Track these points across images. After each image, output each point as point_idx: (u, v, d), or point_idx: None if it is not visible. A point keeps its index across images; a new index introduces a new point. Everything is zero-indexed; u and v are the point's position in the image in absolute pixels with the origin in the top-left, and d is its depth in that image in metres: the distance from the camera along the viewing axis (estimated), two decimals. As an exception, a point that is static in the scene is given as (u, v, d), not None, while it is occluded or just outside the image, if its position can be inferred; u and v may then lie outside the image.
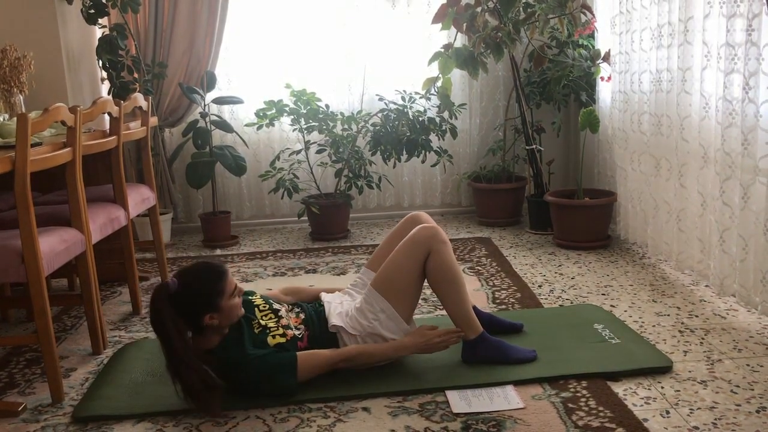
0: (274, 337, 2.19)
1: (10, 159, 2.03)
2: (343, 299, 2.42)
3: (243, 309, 2.21)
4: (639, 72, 3.44)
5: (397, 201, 4.80)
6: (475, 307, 2.42)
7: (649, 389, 2.12)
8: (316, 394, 2.13)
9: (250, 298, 2.33)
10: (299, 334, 2.25)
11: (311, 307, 2.38)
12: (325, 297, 2.43)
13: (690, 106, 2.98)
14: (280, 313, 2.29)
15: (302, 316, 2.33)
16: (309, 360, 2.15)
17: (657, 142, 3.30)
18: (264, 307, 2.29)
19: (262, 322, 2.23)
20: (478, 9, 3.86)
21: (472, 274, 3.41)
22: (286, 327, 2.24)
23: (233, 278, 2.19)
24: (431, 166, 4.52)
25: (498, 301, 2.98)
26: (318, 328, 2.29)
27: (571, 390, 2.11)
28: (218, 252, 4.08)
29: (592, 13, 3.97)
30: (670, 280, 3.19)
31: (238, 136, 4.40)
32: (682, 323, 2.65)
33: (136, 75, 4.12)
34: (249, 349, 2.11)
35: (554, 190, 4.13)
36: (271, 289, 2.56)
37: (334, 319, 2.29)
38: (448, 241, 2.31)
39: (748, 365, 2.25)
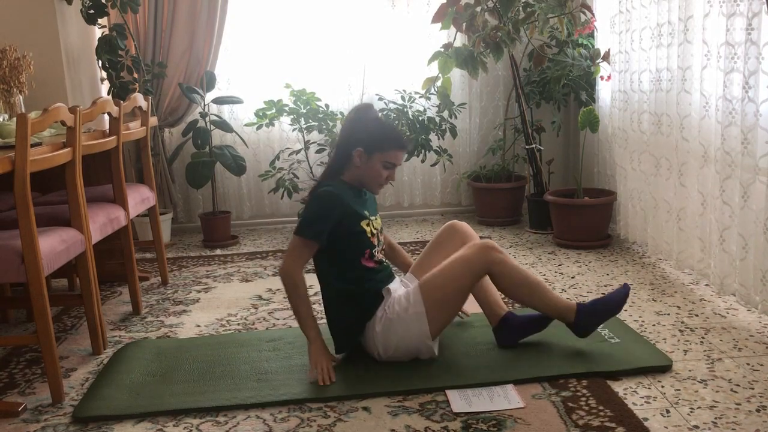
0: (368, 225, 2.33)
1: (9, 159, 2.03)
2: (399, 286, 2.44)
3: (379, 191, 2.42)
4: (639, 71, 3.44)
5: (397, 200, 4.80)
6: (511, 313, 2.44)
7: (649, 388, 2.12)
8: (316, 394, 2.13)
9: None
10: (378, 258, 2.37)
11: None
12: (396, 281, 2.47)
13: (690, 105, 2.98)
14: (378, 238, 2.40)
15: (383, 259, 2.43)
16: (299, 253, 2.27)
17: (657, 141, 3.30)
18: (376, 228, 2.38)
19: (371, 220, 2.35)
20: (478, 8, 3.86)
21: (472, 273, 3.41)
22: (377, 239, 2.38)
23: (400, 162, 2.36)
24: (431, 165, 4.52)
25: (498, 300, 2.98)
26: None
27: (571, 389, 2.11)
28: (218, 252, 4.08)
29: (591, 12, 3.97)
30: (670, 279, 3.19)
31: (238, 135, 4.40)
32: (682, 322, 2.65)
33: (135, 75, 4.12)
34: (342, 194, 2.28)
35: (554, 189, 4.13)
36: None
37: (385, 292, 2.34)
38: (503, 252, 2.32)
39: (748, 364, 2.25)
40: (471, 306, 2.63)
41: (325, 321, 2.43)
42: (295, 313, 2.31)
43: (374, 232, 2.36)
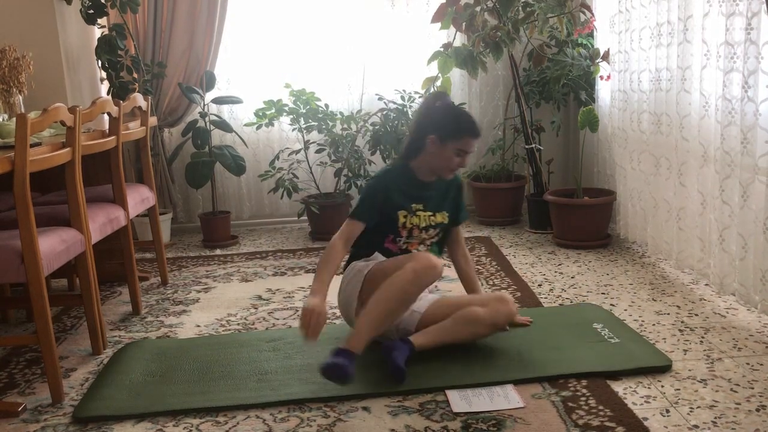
0: (405, 216, 2.39)
1: (9, 159, 2.03)
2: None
3: (450, 176, 2.41)
4: (638, 71, 3.44)
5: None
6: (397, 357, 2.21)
7: (648, 388, 2.12)
8: (316, 394, 2.13)
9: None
10: (405, 248, 2.41)
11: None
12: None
13: (689, 104, 2.98)
14: (419, 234, 2.43)
15: (411, 250, 2.42)
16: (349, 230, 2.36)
17: (656, 140, 3.31)
18: (413, 223, 2.41)
19: (412, 213, 2.40)
20: (477, 8, 3.86)
21: (471, 273, 3.42)
22: (408, 232, 2.41)
23: (472, 150, 2.37)
24: (431, 165, 4.52)
25: (498, 300, 2.98)
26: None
27: (571, 389, 2.11)
28: (218, 252, 4.08)
29: (591, 12, 3.97)
30: (669, 278, 3.19)
31: (238, 135, 4.40)
32: (682, 322, 2.65)
33: (135, 75, 4.12)
34: (389, 183, 2.36)
35: (554, 189, 4.13)
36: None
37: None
38: (422, 275, 2.18)
39: (747, 364, 2.25)
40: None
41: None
42: (317, 266, 2.30)
43: (410, 225, 2.40)
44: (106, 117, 2.92)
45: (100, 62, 4.03)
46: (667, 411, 1.97)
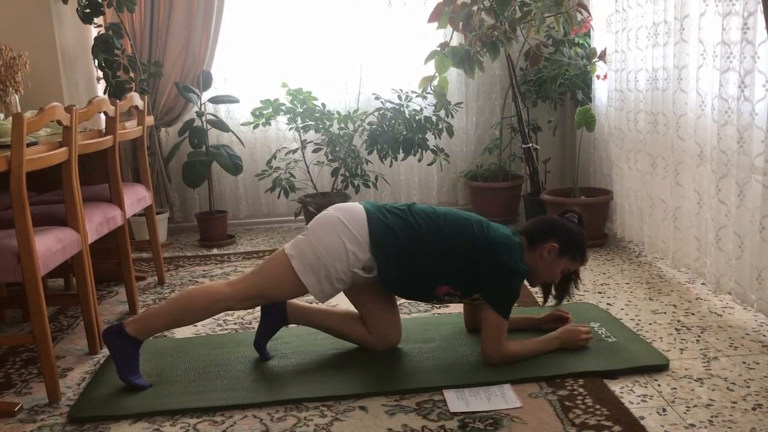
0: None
1: (5, 158, 2.03)
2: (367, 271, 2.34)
3: (535, 286, 2.44)
4: (635, 70, 3.45)
5: (394, 200, 4.80)
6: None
7: (645, 387, 2.12)
8: (313, 393, 2.13)
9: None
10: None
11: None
12: None
13: (686, 104, 2.99)
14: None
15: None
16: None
17: (653, 140, 3.31)
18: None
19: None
20: (474, 7, 3.85)
21: (468, 272, 3.42)
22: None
23: (571, 272, 2.36)
24: (428, 164, 4.52)
25: (495, 299, 2.99)
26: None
27: (568, 388, 2.11)
28: (215, 251, 4.08)
29: (587, 11, 3.98)
30: (666, 278, 3.20)
31: (235, 135, 4.39)
32: (679, 321, 2.66)
33: (132, 74, 4.11)
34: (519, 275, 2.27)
35: (550, 188, 4.14)
36: None
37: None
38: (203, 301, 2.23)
39: (744, 363, 2.26)
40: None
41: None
42: (533, 355, 2.30)
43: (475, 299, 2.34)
44: (102, 116, 2.91)
45: (96, 61, 4.03)
46: (664, 410, 1.98)
